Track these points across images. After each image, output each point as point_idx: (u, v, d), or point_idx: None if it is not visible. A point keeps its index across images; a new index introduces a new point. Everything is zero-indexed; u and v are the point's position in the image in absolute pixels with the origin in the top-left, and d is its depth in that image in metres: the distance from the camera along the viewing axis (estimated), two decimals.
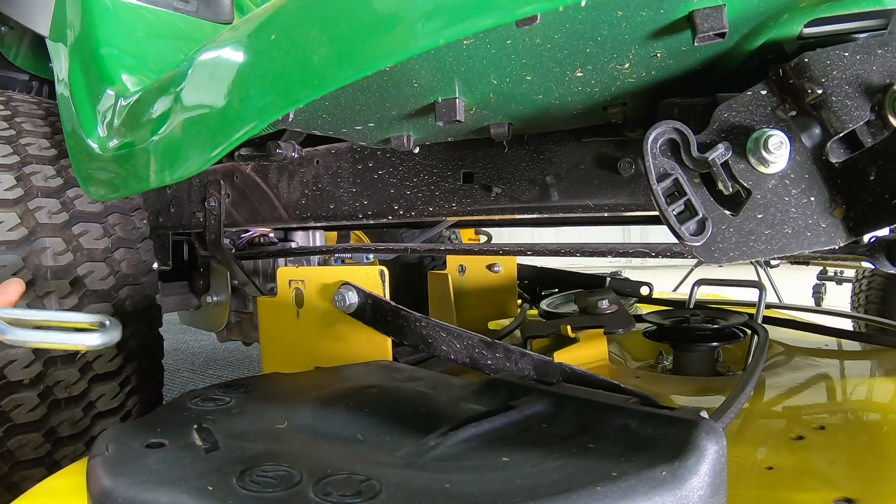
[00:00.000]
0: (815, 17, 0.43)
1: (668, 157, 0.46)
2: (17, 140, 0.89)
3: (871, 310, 2.21)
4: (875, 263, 0.54)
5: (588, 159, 0.66)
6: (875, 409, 0.76)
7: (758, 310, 1.02)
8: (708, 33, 0.39)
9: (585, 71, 0.49)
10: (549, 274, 1.50)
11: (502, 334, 1.08)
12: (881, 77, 0.41)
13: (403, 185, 0.78)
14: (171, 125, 0.60)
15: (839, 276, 2.92)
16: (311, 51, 0.45)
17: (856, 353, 1.05)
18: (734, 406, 0.59)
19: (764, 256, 0.45)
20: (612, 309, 1.01)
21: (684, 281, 2.92)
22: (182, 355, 2.70)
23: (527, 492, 0.34)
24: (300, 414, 0.49)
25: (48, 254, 0.82)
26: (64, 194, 0.87)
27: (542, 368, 0.59)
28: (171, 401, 0.52)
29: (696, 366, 0.99)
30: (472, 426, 0.44)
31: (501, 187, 0.71)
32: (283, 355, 0.84)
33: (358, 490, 0.34)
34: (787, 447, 0.63)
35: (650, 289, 1.30)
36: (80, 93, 0.83)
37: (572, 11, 0.39)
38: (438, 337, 0.66)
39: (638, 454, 0.37)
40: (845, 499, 0.52)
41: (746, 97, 0.45)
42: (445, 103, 0.54)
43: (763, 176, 0.44)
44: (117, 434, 0.42)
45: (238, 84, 0.51)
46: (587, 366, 0.92)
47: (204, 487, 0.34)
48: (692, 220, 0.45)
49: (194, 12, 0.96)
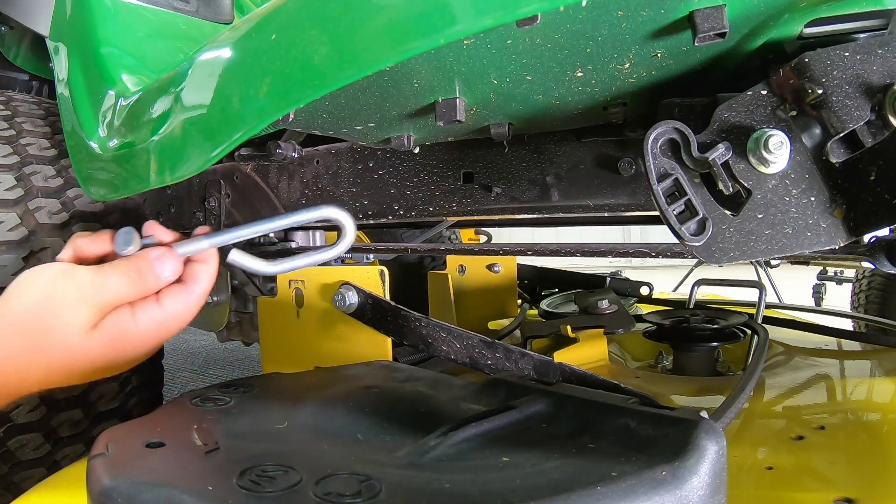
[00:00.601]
0: (816, 17, 0.43)
1: (668, 157, 0.46)
2: (18, 140, 0.89)
3: (871, 310, 2.21)
4: (875, 263, 0.54)
5: (588, 159, 0.66)
6: (875, 409, 0.76)
7: (758, 310, 1.02)
8: (708, 33, 0.39)
9: (586, 71, 0.49)
10: (549, 274, 1.50)
11: (502, 334, 1.08)
12: (881, 77, 0.41)
13: (404, 185, 0.78)
14: (172, 125, 0.60)
15: (839, 276, 2.92)
16: (312, 50, 0.45)
17: (856, 353, 1.05)
18: (734, 406, 0.59)
19: (764, 256, 0.45)
20: (612, 309, 1.01)
21: (684, 281, 2.92)
22: (182, 355, 2.70)
23: (527, 492, 0.34)
24: (300, 414, 0.49)
25: (48, 254, 0.82)
26: (64, 194, 0.87)
27: (542, 368, 0.59)
28: (171, 401, 0.53)
29: (696, 366, 0.99)
30: (472, 426, 0.44)
31: (502, 187, 0.71)
32: (283, 355, 0.84)
33: (358, 490, 0.34)
34: (787, 447, 0.63)
35: (650, 289, 1.30)
36: (81, 93, 0.83)
37: (573, 11, 0.39)
38: (438, 337, 0.66)
39: (638, 454, 0.37)
40: (845, 499, 0.52)
41: (747, 97, 0.45)
42: (446, 103, 0.54)
43: (763, 176, 0.44)
44: (117, 434, 0.42)
45: (238, 84, 0.52)
46: (587, 366, 0.92)
47: (204, 487, 0.34)
48: (692, 220, 0.45)
49: (194, 12, 0.96)
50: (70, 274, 0.54)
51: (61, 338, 0.53)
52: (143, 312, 0.56)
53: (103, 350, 0.55)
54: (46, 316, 0.53)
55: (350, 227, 0.59)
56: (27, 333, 0.53)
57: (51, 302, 0.53)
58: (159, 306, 0.57)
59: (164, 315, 0.57)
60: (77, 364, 0.54)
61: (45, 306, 0.53)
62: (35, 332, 0.53)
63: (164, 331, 0.58)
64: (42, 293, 0.53)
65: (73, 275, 0.54)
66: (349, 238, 0.60)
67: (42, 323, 0.53)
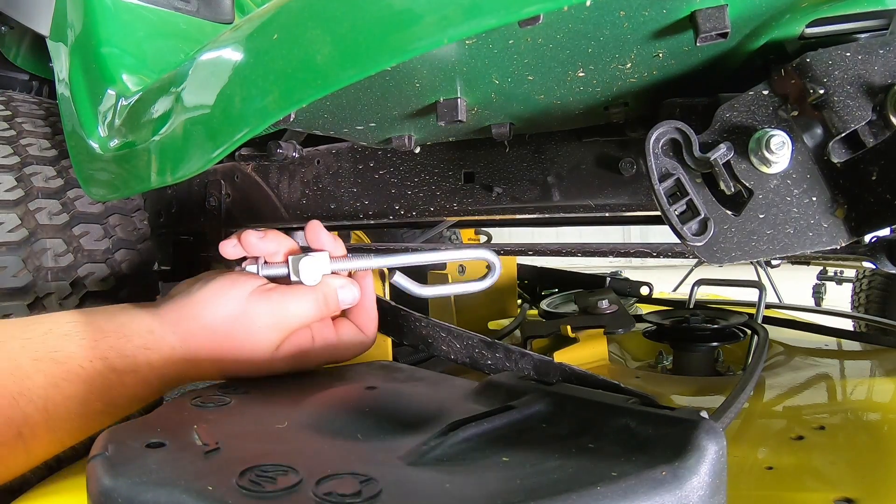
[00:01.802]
0: (817, 17, 0.43)
1: (669, 157, 0.46)
2: (18, 140, 0.89)
3: (871, 310, 2.21)
4: (876, 263, 0.54)
5: (589, 159, 0.66)
6: (875, 409, 0.76)
7: (758, 310, 1.02)
8: (710, 33, 0.39)
9: (587, 71, 0.49)
10: (549, 274, 1.50)
11: (502, 334, 1.08)
12: (882, 77, 0.41)
13: (404, 185, 0.78)
14: (173, 125, 0.60)
15: (839, 276, 2.92)
16: (314, 50, 0.44)
17: (856, 353, 1.05)
18: (734, 406, 0.59)
19: (766, 256, 0.45)
20: (612, 309, 1.01)
21: (684, 281, 2.92)
22: None
23: (527, 492, 0.34)
24: (300, 414, 0.49)
25: (49, 255, 0.82)
26: (64, 195, 0.87)
27: (542, 368, 0.59)
28: (171, 401, 0.52)
29: (696, 366, 0.99)
30: (472, 426, 0.44)
31: (502, 187, 0.71)
32: None
33: (358, 490, 0.34)
34: (787, 447, 0.63)
35: (650, 289, 1.30)
36: (81, 93, 0.83)
37: (575, 11, 0.39)
38: (438, 337, 0.66)
39: (638, 454, 0.37)
40: (845, 499, 0.52)
41: (748, 97, 0.45)
42: (447, 103, 0.54)
43: (765, 176, 0.44)
44: (117, 434, 0.42)
45: (240, 84, 0.51)
46: (587, 366, 0.92)
47: (204, 487, 0.34)
48: (694, 221, 0.45)
49: (195, 12, 0.96)
50: (266, 296, 0.59)
51: (249, 353, 0.58)
52: (319, 336, 0.62)
53: (282, 367, 0.60)
54: (240, 333, 0.57)
55: (498, 266, 0.68)
56: (222, 342, 0.57)
57: (247, 320, 0.58)
58: (335, 334, 0.64)
59: (338, 340, 0.64)
60: (257, 374, 0.59)
61: (242, 323, 0.58)
62: (228, 342, 0.57)
63: (337, 353, 0.64)
64: (239, 310, 0.58)
65: (268, 298, 0.59)
66: (496, 274, 0.68)
67: (236, 338, 0.57)
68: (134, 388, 0.54)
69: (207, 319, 0.57)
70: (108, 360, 0.53)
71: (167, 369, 0.56)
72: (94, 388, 0.51)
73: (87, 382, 0.51)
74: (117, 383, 0.53)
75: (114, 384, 0.53)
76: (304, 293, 0.60)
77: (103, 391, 0.52)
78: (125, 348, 0.54)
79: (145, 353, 0.55)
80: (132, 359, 0.54)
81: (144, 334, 0.55)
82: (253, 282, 0.60)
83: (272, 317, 0.58)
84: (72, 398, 0.50)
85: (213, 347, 0.57)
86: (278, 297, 0.59)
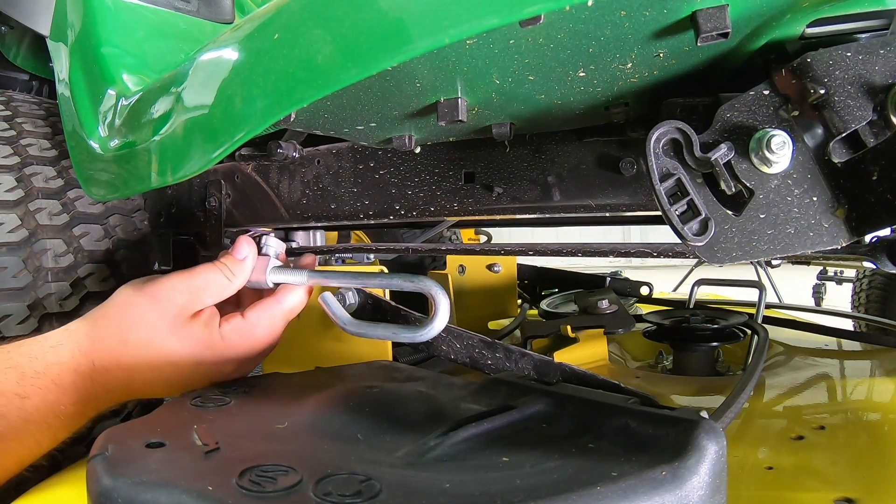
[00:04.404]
0: (818, 17, 0.43)
1: (670, 157, 0.46)
2: (18, 141, 0.89)
3: (871, 310, 2.21)
4: (876, 263, 0.54)
5: (590, 159, 0.66)
6: (875, 409, 0.76)
7: (758, 310, 1.02)
8: (711, 33, 0.39)
9: (588, 71, 0.49)
10: (549, 274, 1.50)
11: (502, 334, 1.08)
12: (883, 77, 0.41)
13: (405, 185, 0.78)
14: (173, 125, 0.60)
15: (839, 276, 2.92)
16: (315, 50, 0.44)
17: (856, 353, 1.05)
18: (734, 406, 0.59)
19: (766, 256, 0.45)
20: (612, 309, 1.01)
21: (684, 281, 2.92)
22: None
23: (527, 492, 0.34)
24: (300, 414, 0.49)
25: (49, 255, 0.82)
26: (65, 195, 0.87)
27: (542, 368, 0.59)
28: (171, 401, 0.52)
29: (696, 366, 0.99)
30: (472, 426, 0.44)
31: (503, 187, 0.71)
32: (283, 355, 0.84)
33: (358, 490, 0.34)
34: (787, 447, 0.63)
35: (650, 289, 1.30)
36: (81, 93, 0.83)
37: (576, 11, 0.39)
38: (438, 337, 0.66)
39: (638, 454, 0.37)
40: (845, 499, 0.52)
41: (749, 97, 0.45)
42: (448, 103, 0.54)
43: (766, 176, 0.44)
44: (117, 434, 0.42)
45: (240, 84, 0.51)
46: (587, 366, 0.92)
47: (204, 487, 0.34)
48: (695, 221, 0.45)
49: (195, 12, 0.96)
50: (151, 278, 0.62)
51: (144, 333, 0.58)
52: (227, 323, 0.61)
53: (186, 353, 0.59)
54: (132, 324, 0.59)
55: (443, 305, 0.56)
56: (114, 326, 0.59)
57: (132, 309, 0.60)
58: (243, 318, 0.62)
59: (247, 325, 0.62)
60: (164, 367, 0.59)
61: (131, 314, 0.59)
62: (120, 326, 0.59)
63: (250, 341, 0.62)
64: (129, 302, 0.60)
65: (153, 277, 0.62)
66: (441, 320, 0.56)
67: (128, 332, 0.59)
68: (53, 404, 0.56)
69: (100, 309, 0.60)
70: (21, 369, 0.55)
71: (75, 378, 0.57)
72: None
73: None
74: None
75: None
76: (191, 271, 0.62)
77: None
78: (36, 359, 0.56)
79: (54, 365, 0.57)
80: (43, 366, 0.56)
81: (52, 347, 0.57)
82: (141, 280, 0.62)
83: (153, 298, 0.60)
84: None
85: (106, 335, 0.58)
86: (155, 284, 0.61)
